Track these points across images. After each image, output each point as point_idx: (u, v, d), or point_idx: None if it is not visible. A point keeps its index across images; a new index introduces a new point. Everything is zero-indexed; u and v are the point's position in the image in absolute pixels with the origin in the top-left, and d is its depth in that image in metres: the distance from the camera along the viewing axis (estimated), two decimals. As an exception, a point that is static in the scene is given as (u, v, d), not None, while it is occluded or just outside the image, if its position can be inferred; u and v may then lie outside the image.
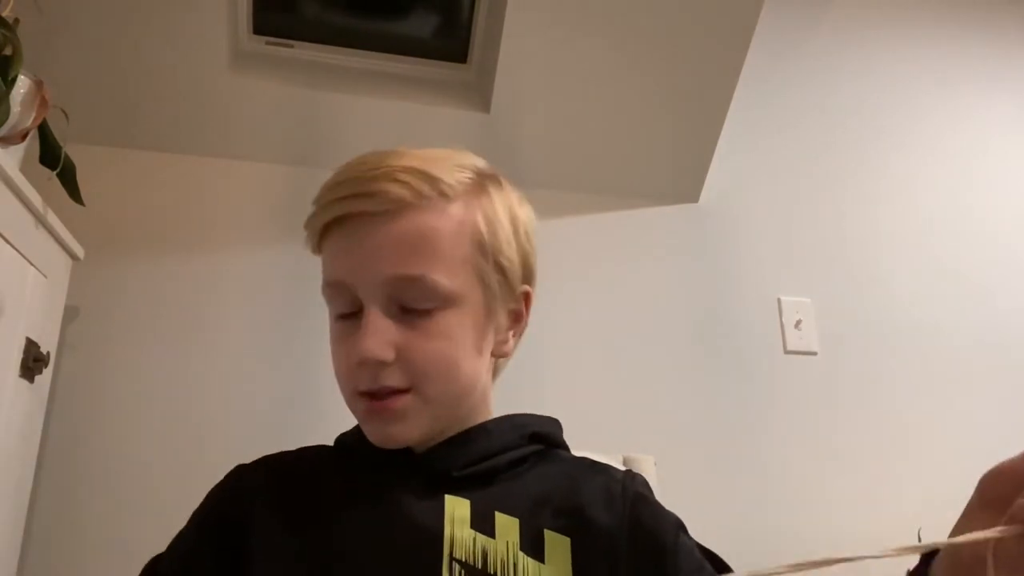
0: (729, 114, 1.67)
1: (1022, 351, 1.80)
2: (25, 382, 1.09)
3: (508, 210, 0.63)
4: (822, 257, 1.78)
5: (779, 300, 1.71)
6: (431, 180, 0.58)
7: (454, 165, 0.60)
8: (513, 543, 0.55)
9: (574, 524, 0.57)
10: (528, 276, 0.65)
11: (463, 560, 0.53)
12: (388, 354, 0.56)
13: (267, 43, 1.62)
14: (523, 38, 1.51)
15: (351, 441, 0.65)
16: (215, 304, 1.44)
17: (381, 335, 0.56)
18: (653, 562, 0.56)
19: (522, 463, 0.62)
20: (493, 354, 0.64)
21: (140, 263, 1.44)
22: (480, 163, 0.64)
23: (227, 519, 0.61)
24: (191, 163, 1.52)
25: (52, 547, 1.23)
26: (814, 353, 1.69)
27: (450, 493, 0.57)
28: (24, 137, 1.07)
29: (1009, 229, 1.93)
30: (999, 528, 0.38)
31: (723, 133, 1.70)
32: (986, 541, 0.38)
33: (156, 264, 1.44)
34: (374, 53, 1.65)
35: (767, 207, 1.80)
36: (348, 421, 0.64)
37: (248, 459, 0.66)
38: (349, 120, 1.55)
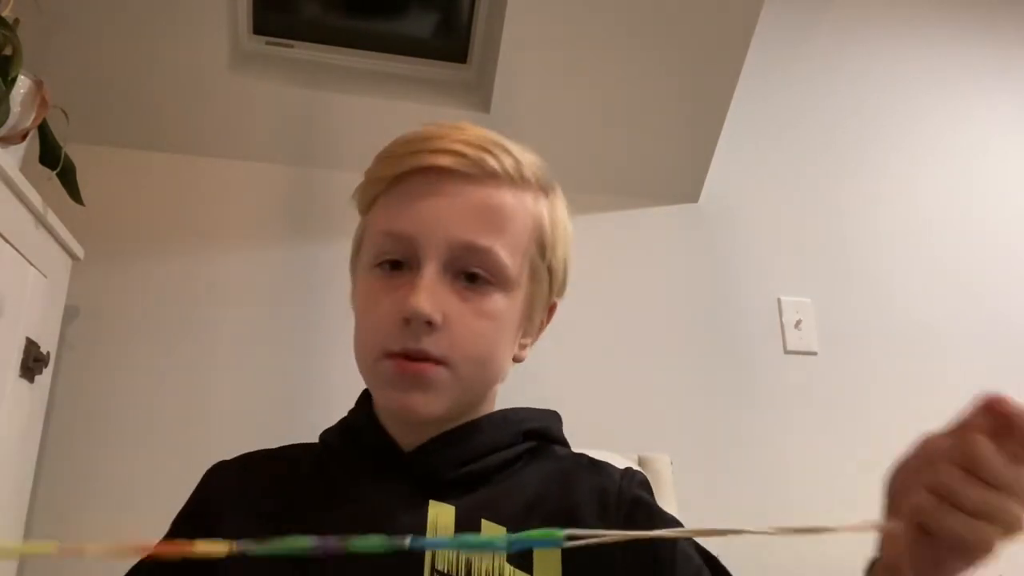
0: (729, 114, 1.67)
1: (1022, 351, 1.80)
2: (25, 382, 1.09)
3: (566, 219, 0.63)
4: (822, 257, 1.78)
5: (779, 300, 1.71)
6: (517, 162, 0.58)
7: (531, 158, 0.60)
8: (499, 555, 0.52)
9: (564, 524, 0.54)
10: (561, 289, 0.65)
11: (445, 572, 0.50)
12: (438, 316, 0.53)
13: (267, 43, 1.62)
14: (523, 38, 1.51)
15: (334, 439, 0.63)
16: (215, 304, 1.44)
17: (436, 294, 0.53)
18: (649, 572, 0.54)
19: (515, 462, 0.60)
20: (513, 357, 0.62)
21: (140, 263, 1.44)
22: (550, 173, 0.63)
23: (199, 522, 0.59)
24: (191, 163, 1.52)
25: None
26: (814, 353, 1.69)
27: (436, 498, 0.55)
28: (24, 137, 1.07)
29: (1009, 229, 1.93)
30: (871, 521, 0.41)
31: (723, 133, 1.70)
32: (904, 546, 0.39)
33: (156, 264, 1.44)
34: (374, 53, 1.65)
35: (767, 207, 1.80)
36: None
37: None
38: (349, 120, 1.55)
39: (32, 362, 1.09)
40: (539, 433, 0.63)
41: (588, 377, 1.55)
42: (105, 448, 1.30)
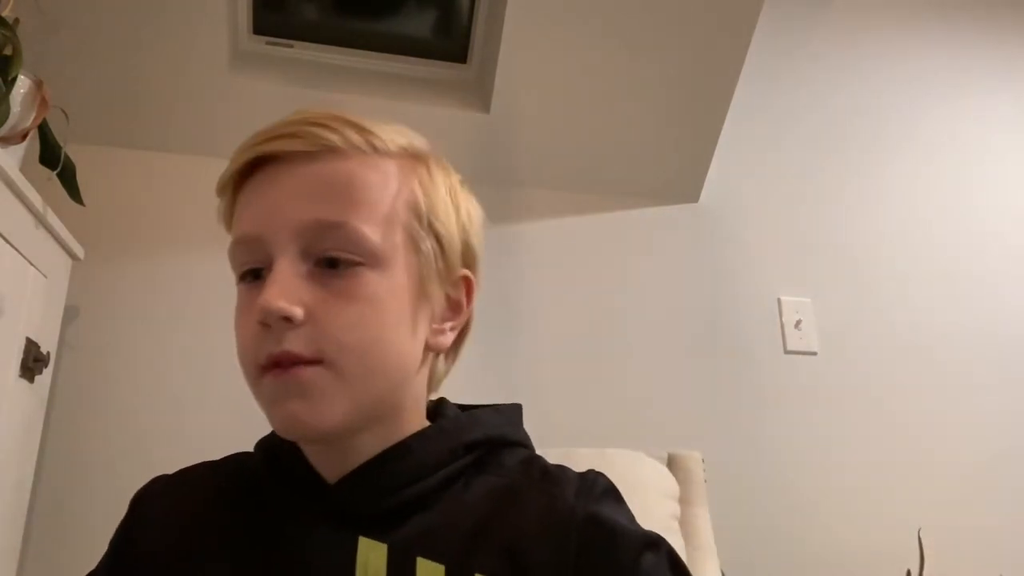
0: (729, 114, 1.67)
1: (1022, 351, 1.80)
2: (25, 382, 1.09)
3: (449, 187, 0.56)
4: (822, 257, 1.78)
5: (779, 300, 1.71)
6: (363, 131, 0.52)
7: (394, 130, 0.55)
8: None
9: (511, 563, 0.48)
10: (470, 260, 0.57)
11: None
12: (295, 309, 0.46)
13: (267, 43, 1.62)
14: (523, 38, 1.51)
15: (257, 459, 0.57)
16: (215, 304, 1.44)
17: (288, 286, 0.47)
18: None
19: (456, 480, 0.52)
20: (428, 346, 0.54)
21: (140, 263, 1.44)
22: (425, 143, 0.57)
23: (131, 543, 0.57)
24: (191, 163, 1.52)
25: (52, 547, 1.23)
26: (814, 353, 1.69)
27: (365, 534, 0.48)
28: (24, 137, 1.07)
29: (1009, 229, 1.93)
30: None
31: (723, 133, 1.70)
32: None
33: (156, 264, 1.44)
34: (374, 53, 1.65)
35: (767, 207, 1.80)
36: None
37: None
38: (349, 120, 1.55)
39: (32, 362, 1.09)
40: (485, 442, 0.55)
41: (588, 377, 1.55)
42: (105, 448, 1.30)
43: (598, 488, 0.53)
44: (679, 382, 1.60)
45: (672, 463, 1.23)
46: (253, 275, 0.51)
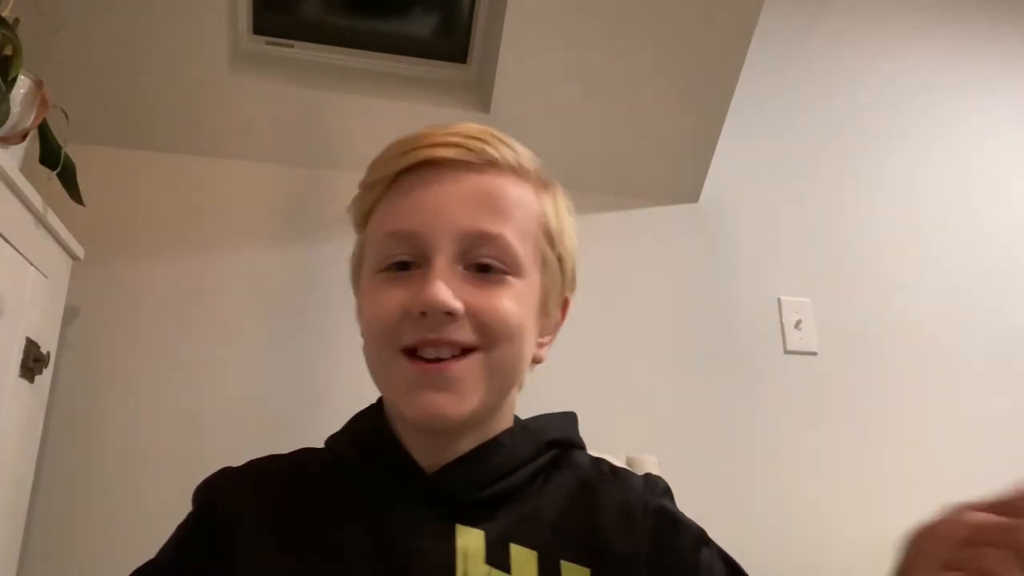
0: (729, 114, 1.67)
1: (1021, 351, 1.80)
2: (25, 382, 1.09)
3: (569, 213, 0.62)
4: (822, 257, 1.78)
5: (779, 300, 1.71)
6: (516, 153, 0.57)
7: (530, 153, 0.59)
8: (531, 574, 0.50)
9: (593, 552, 0.53)
10: (573, 285, 0.63)
11: None
12: (458, 304, 0.50)
13: (267, 43, 1.62)
14: (523, 38, 1.51)
15: (345, 450, 0.60)
16: (215, 304, 1.44)
17: (453, 288, 0.51)
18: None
19: (538, 475, 0.57)
20: (532, 357, 0.59)
21: (140, 263, 1.44)
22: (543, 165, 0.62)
23: (210, 533, 0.56)
24: (191, 163, 1.52)
25: (52, 547, 1.23)
26: (814, 353, 1.69)
27: (461, 521, 0.52)
28: (24, 137, 1.07)
29: (1009, 229, 1.93)
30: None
31: (723, 133, 1.70)
32: None
33: (156, 264, 1.44)
34: (374, 53, 1.65)
35: (767, 207, 1.80)
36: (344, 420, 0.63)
37: (248, 459, 0.64)
38: (349, 120, 1.55)
39: (32, 362, 1.09)
40: (560, 442, 0.61)
41: (587, 377, 1.55)
42: (105, 448, 1.30)
43: (660, 487, 0.59)
44: (679, 382, 1.60)
45: (630, 465, 1.23)
46: (399, 266, 0.54)
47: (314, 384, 1.41)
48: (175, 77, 1.47)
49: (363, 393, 0.62)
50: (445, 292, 0.50)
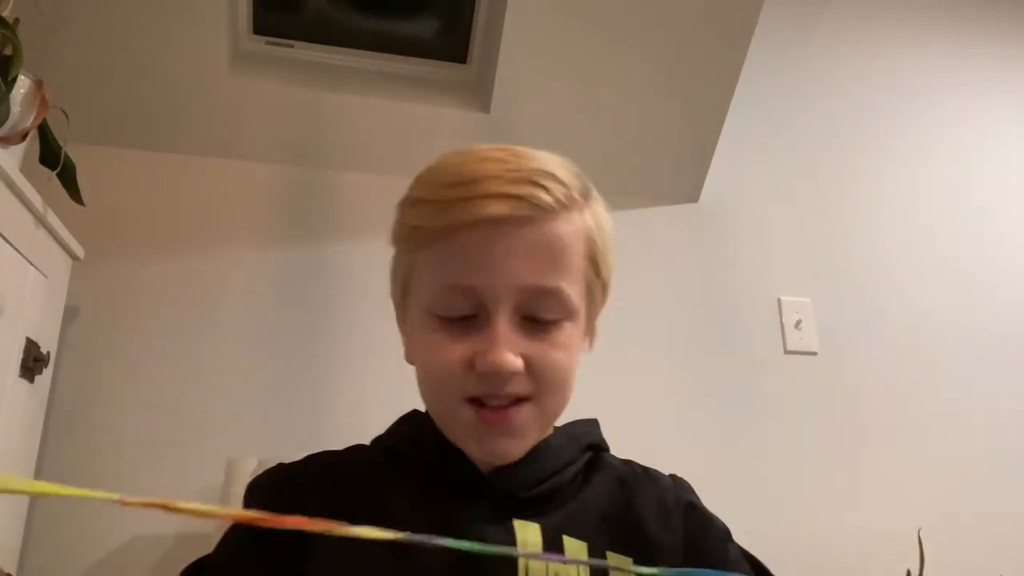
0: (729, 114, 1.67)
1: (1021, 351, 1.80)
2: (25, 382, 1.09)
3: (607, 217, 0.62)
4: (822, 257, 1.78)
5: (779, 300, 1.71)
6: (564, 186, 0.56)
7: (571, 171, 0.59)
8: (583, 569, 0.54)
9: (635, 542, 0.58)
10: (609, 293, 0.65)
11: None
12: (519, 363, 0.54)
13: (267, 43, 1.62)
14: (523, 38, 1.51)
15: (402, 449, 0.62)
16: (215, 304, 1.44)
17: (513, 345, 0.54)
18: None
19: (578, 476, 0.62)
20: None
21: (140, 263, 1.44)
22: (578, 169, 0.61)
23: (259, 540, 0.56)
24: (191, 163, 1.52)
25: (52, 547, 1.23)
26: (814, 353, 1.69)
27: (516, 516, 0.56)
28: (24, 137, 1.07)
29: (1010, 229, 1.93)
30: None
31: (723, 133, 1.70)
32: None
33: (156, 264, 1.44)
34: (374, 53, 1.65)
35: (767, 207, 1.80)
36: (350, 421, 0.64)
37: (248, 459, 0.65)
38: (349, 120, 1.55)
39: (32, 362, 1.09)
40: (593, 446, 0.66)
41: (587, 377, 1.54)
42: (105, 448, 1.30)
43: (686, 485, 0.66)
44: (679, 382, 1.60)
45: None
46: (461, 320, 0.56)
47: (314, 383, 1.41)
48: (175, 77, 1.47)
49: (363, 392, 0.62)
50: (509, 358, 0.53)
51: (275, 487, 0.60)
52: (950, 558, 1.41)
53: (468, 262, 0.55)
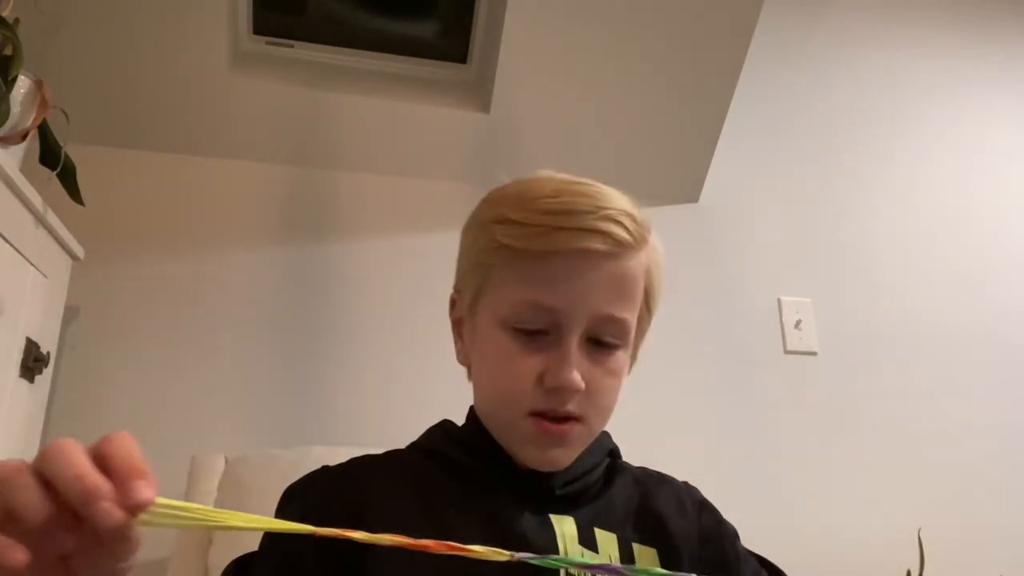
0: (729, 114, 1.67)
1: (1020, 351, 1.80)
2: (25, 382, 1.09)
3: (662, 254, 0.68)
4: (822, 257, 1.78)
5: (779, 300, 1.71)
6: (638, 226, 0.62)
7: (640, 211, 0.65)
8: (614, 558, 0.60)
9: (657, 534, 0.63)
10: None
11: None
12: (583, 385, 0.59)
13: (267, 43, 1.62)
14: (523, 38, 1.51)
15: (442, 449, 0.66)
16: (215, 304, 1.44)
17: (578, 364, 0.59)
18: (720, 570, 0.63)
19: (601, 477, 0.67)
20: None
21: (140, 263, 1.44)
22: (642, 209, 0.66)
23: (338, 516, 0.56)
24: (191, 163, 1.52)
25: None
26: (814, 353, 1.69)
27: (551, 511, 0.61)
28: (24, 137, 1.07)
29: (1009, 229, 1.93)
30: None
31: (723, 133, 1.70)
32: None
33: (156, 264, 1.44)
34: (374, 53, 1.65)
35: (767, 207, 1.80)
36: (350, 421, 0.64)
37: (247, 459, 0.65)
38: (349, 120, 1.55)
39: (32, 362, 1.09)
40: (611, 452, 0.71)
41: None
42: (105, 448, 1.30)
43: (694, 487, 0.72)
44: (679, 382, 1.60)
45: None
46: (532, 334, 0.61)
47: (314, 383, 1.41)
48: (175, 77, 1.47)
49: (362, 391, 0.63)
50: (577, 377, 0.58)
51: (327, 489, 0.63)
52: (950, 558, 1.41)
53: (555, 285, 0.60)
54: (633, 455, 0.74)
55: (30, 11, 1.11)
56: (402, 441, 0.71)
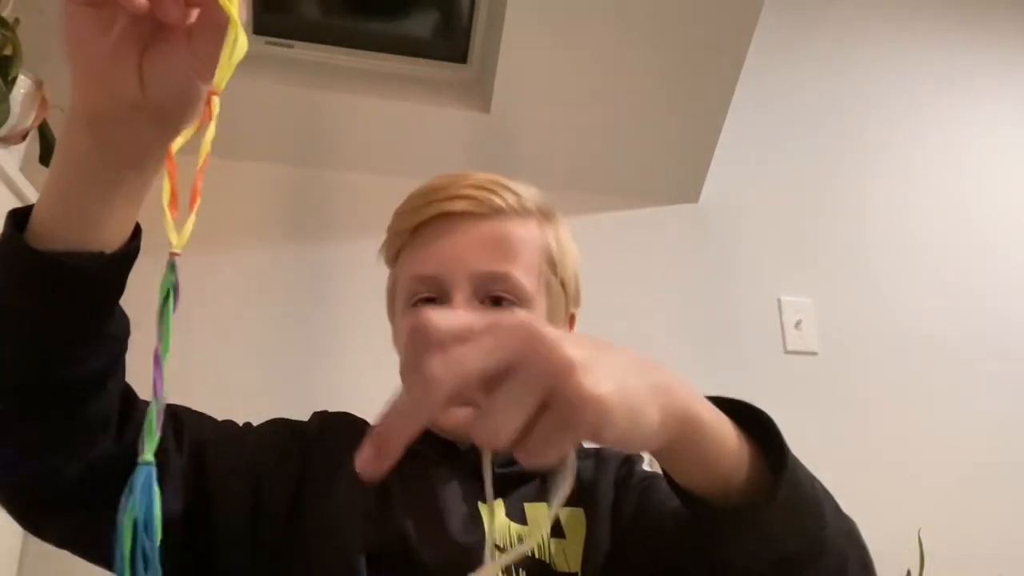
0: (729, 114, 1.67)
1: (1021, 351, 1.80)
2: (25, 382, 1.09)
3: (570, 239, 0.72)
4: (822, 257, 1.78)
5: (779, 300, 1.71)
6: (516, 195, 0.66)
7: (532, 191, 0.69)
8: (543, 524, 0.62)
9: (583, 495, 0.65)
10: (578, 301, 0.73)
11: (503, 547, 0.60)
12: None
13: (267, 43, 1.62)
14: (523, 38, 1.51)
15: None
16: (215, 304, 1.44)
17: None
18: (639, 508, 0.64)
19: None
20: None
21: (139, 263, 1.43)
22: (546, 196, 0.71)
23: (303, 452, 0.69)
24: (190, 163, 1.51)
25: (52, 548, 1.23)
26: (814, 353, 1.69)
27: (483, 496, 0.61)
28: (24, 137, 1.07)
29: (1009, 230, 1.93)
30: None
31: (723, 133, 1.70)
32: None
33: (155, 264, 1.44)
34: (374, 53, 1.65)
35: (767, 207, 1.80)
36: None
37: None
38: (349, 120, 1.55)
39: (32, 362, 1.09)
40: None
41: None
42: (105, 448, 1.30)
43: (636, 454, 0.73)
44: (679, 382, 1.60)
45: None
46: (425, 302, 0.65)
47: (315, 382, 1.41)
48: (175, 77, 1.47)
49: (363, 391, 0.63)
50: None
51: (310, 425, 0.75)
52: (950, 558, 1.41)
53: (430, 254, 0.64)
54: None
55: (30, 11, 1.11)
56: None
